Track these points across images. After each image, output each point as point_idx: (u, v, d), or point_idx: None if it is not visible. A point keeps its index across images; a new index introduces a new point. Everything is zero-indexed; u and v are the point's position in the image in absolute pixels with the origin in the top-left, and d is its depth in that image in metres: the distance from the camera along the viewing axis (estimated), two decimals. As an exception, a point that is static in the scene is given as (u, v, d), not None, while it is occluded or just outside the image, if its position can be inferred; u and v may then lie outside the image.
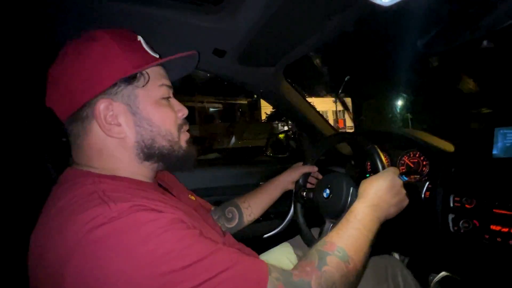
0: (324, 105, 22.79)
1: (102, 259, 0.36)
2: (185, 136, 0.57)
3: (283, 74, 1.13)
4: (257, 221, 0.98)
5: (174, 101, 0.57)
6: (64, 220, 0.39)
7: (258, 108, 17.27)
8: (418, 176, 1.01)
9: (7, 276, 0.42)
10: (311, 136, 1.37)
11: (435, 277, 1.10)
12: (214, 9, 0.78)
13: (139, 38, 0.54)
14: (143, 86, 0.51)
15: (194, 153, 0.59)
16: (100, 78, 0.48)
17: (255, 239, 1.19)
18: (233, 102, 18.38)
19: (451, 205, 0.85)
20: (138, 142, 0.51)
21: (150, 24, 0.77)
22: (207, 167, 1.28)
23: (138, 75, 0.50)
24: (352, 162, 1.31)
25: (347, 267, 0.48)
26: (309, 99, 1.25)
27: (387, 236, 1.16)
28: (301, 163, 0.99)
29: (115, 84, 0.48)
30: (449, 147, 1.00)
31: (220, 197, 1.17)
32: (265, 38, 0.85)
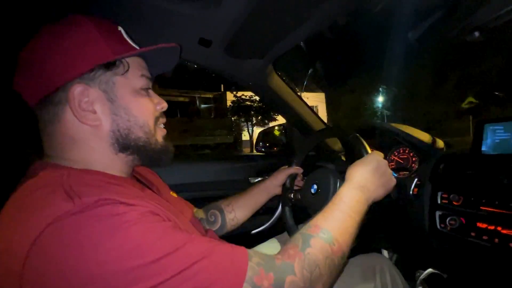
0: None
1: (61, 256, 0.33)
2: (161, 131, 0.56)
3: (273, 67, 1.10)
4: None
5: (153, 94, 0.55)
6: (22, 215, 0.36)
7: (224, 102, 16.50)
8: (407, 173, 1.00)
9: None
10: (302, 131, 1.35)
11: (421, 273, 1.10)
12: None
13: (120, 28, 0.52)
14: (122, 74, 0.49)
15: (171, 148, 0.57)
16: (77, 61, 0.45)
17: (243, 235, 1.17)
18: (198, 95, 17.54)
19: (439, 202, 0.84)
20: (113, 132, 0.49)
21: (133, 11, 0.74)
22: (192, 162, 1.25)
23: (117, 62, 0.48)
24: (343, 158, 1.30)
25: (332, 249, 0.47)
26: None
27: (376, 233, 1.17)
28: (286, 166, 0.97)
29: (92, 69, 0.46)
30: (439, 143, 0.99)
31: (206, 193, 1.14)
32: (251, 28, 0.82)
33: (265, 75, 1.10)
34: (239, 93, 15.15)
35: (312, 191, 0.80)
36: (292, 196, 0.88)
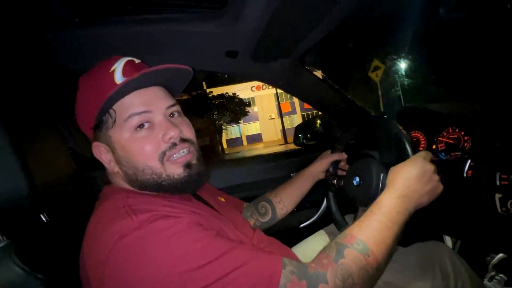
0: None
1: (129, 264, 0.42)
2: (174, 164, 0.54)
3: (300, 62, 1.10)
4: (292, 211, 1.00)
5: (161, 124, 0.53)
6: (99, 232, 0.46)
7: (205, 102, 15.01)
8: (459, 153, 0.93)
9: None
10: (341, 122, 1.33)
11: (493, 258, 1.01)
12: (219, 13, 0.79)
13: (115, 66, 0.53)
14: (113, 126, 0.52)
15: (195, 176, 0.56)
16: (85, 128, 0.57)
17: (292, 229, 1.22)
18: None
19: (498, 183, 0.77)
20: (126, 177, 0.55)
21: (160, 41, 0.82)
22: (236, 164, 1.33)
23: (103, 119, 0.53)
24: (387, 144, 1.24)
25: (366, 260, 0.47)
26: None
27: (436, 220, 1.10)
28: (329, 151, 0.97)
29: (94, 129, 0.55)
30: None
31: (253, 192, 1.20)
32: (273, 32, 0.84)
33: (294, 72, 1.11)
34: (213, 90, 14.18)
35: (355, 183, 0.79)
36: (335, 182, 0.89)
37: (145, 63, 0.58)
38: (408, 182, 0.57)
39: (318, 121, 1.51)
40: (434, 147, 0.99)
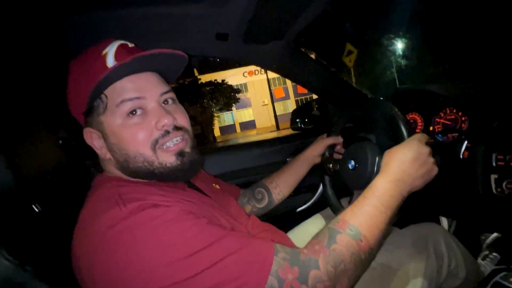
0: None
1: (118, 254, 0.41)
2: (166, 152, 0.53)
3: (294, 44, 1.07)
4: (289, 196, 0.99)
5: (153, 111, 0.52)
6: (89, 222, 0.45)
7: (194, 89, 14.36)
8: (457, 134, 0.92)
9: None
10: (337, 105, 1.30)
11: (488, 237, 1.03)
12: None
13: (106, 50, 0.51)
14: (104, 112, 0.51)
15: (187, 164, 0.54)
16: (77, 113, 0.54)
17: (288, 213, 1.22)
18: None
19: (494, 164, 0.76)
20: (118, 164, 0.54)
21: (146, 25, 0.78)
22: (232, 151, 1.31)
23: (95, 104, 0.51)
24: (384, 126, 1.23)
25: (358, 245, 0.47)
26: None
27: (432, 201, 1.10)
28: (325, 135, 0.96)
29: (85, 115, 0.53)
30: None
31: (250, 178, 1.20)
32: (265, 12, 0.81)
33: (288, 54, 1.07)
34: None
35: (350, 166, 0.79)
36: (331, 166, 0.88)
37: (139, 47, 0.55)
38: (402, 166, 0.56)
39: (315, 105, 1.49)
40: (431, 128, 0.98)
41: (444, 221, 1.28)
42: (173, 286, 0.40)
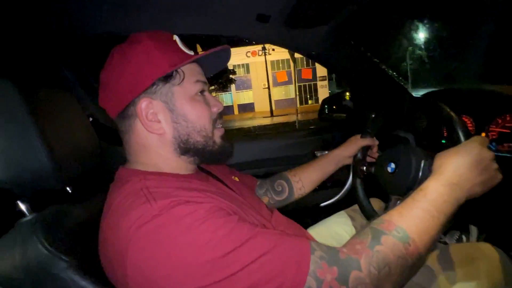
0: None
1: (150, 253, 0.40)
2: (219, 132, 0.58)
3: (338, 31, 0.98)
4: (313, 190, 0.95)
5: (209, 96, 0.58)
6: (118, 218, 0.44)
7: None
8: (514, 145, 0.83)
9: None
10: (375, 101, 1.22)
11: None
12: None
13: (175, 37, 0.55)
14: (179, 83, 0.53)
15: (229, 148, 0.60)
16: (141, 79, 0.50)
17: (311, 208, 1.19)
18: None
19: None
20: (175, 138, 0.54)
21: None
22: (258, 139, 1.28)
23: (174, 73, 0.52)
24: (423, 126, 1.14)
25: (406, 249, 0.43)
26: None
27: (464, 207, 1.03)
28: (359, 135, 0.90)
29: (154, 84, 0.51)
30: None
31: (272, 168, 1.17)
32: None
33: (331, 41, 0.99)
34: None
35: (389, 170, 0.74)
36: (365, 169, 0.83)
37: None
38: (459, 170, 0.50)
39: (348, 94, 1.40)
40: (483, 134, 0.89)
41: (474, 230, 1.21)
42: (209, 287, 0.38)
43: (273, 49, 20.31)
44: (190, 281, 0.39)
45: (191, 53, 0.54)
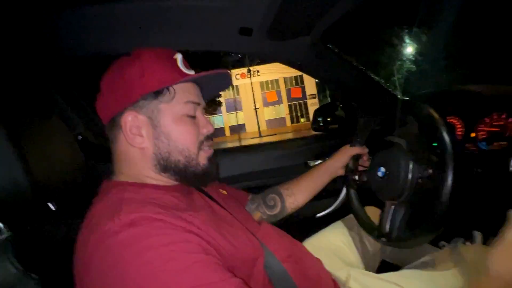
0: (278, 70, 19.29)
1: (104, 271, 0.39)
2: (205, 154, 0.58)
3: (321, 40, 1.00)
4: (309, 201, 0.93)
5: (201, 117, 0.58)
6: (88, 233, 0.43)
7: None
8: (506, 143, 0.82)
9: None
10: (365, 107, 1.22)
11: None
12: None
13: (177, 55, 0.56)
14: (168, 102, 0.53)
15: (213, 171, 0.59)
16: (130, 92, 0.51)
17: (307, 219, 1.17)
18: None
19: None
20: (155, 154, 0.54)
21: (169, 17, 0.76)
22: (250, 151, 1.27)
23: (164, 90, 0.52)
24: (415, 131, 1.13)
25: None
26: (259, 67, 1.11)
27: (467, 214, 1.01)
28: (348, 145, 0.89)
29: (144, 98, 0.52)
30: None
31: (265, 181, 1.16)
32: (292, 6, 0.75)
33: (315, 51, 1.01)
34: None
35: (380, 174, 0.73)
36: (357, 178, 0.82)
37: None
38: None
39: (339, 105, 1.41)
40: (473, 135, 0.88)
41: (478, 237, 1.17)
42: None
43: (257, 71, 21.04)
44: None
45: (191, 72, 0.55)
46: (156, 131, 0.53)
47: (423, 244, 0.81)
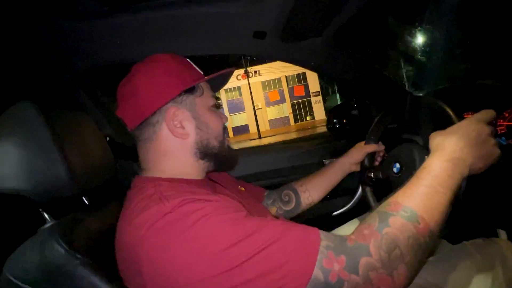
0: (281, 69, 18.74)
1: (161, 248, 0.42)
2: (227, 140, 0.65)
3: (334, 40, 1.02)
4: (325, 198, 0.96)
5: (217, 110, 0.66)
6: (132, 219, 0.47)
7: None
8: (525, 138, 0.80)
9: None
10: (380, 105, 1.23)
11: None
12: None
13: (188, 60, 0.64)
14: (200, 96, 0.61)
15: (236, 154, 0.67)
16: (169, 89, 0.57)
17: (323, 217, 1.18)
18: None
19: None
20: (196, 142, 0.60)
21: (185, 25, 0.80)
22: (266, 150, 1.30)
23: (196, 87, 0.60)
24: (432, 128, 1.12)
25: (416, 228, 0.42)
26: (258, 67, 1.12)
27: (490, 211, 0.98)
28: (363, 142, 0.90)
29: (180, 94, 0.58)
30: None
31: (281, 179, 1.18)
32: (303, 8, 0.78)
33: (327, 51, 1.03)
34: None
35: (395, 170, 0.73)
36: (372, 175, 0.83)
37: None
38: (459, 144, 0.50)
39: (354, 104, 1.41)
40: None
41: (503, 235, 1.13)
42: (216, 277, 0.40)
43: (257, 71, 20.75)
44: (199, 273, 0.40)
45: (201, 72, 0.63)
46: (197, 122, 0.59)
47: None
